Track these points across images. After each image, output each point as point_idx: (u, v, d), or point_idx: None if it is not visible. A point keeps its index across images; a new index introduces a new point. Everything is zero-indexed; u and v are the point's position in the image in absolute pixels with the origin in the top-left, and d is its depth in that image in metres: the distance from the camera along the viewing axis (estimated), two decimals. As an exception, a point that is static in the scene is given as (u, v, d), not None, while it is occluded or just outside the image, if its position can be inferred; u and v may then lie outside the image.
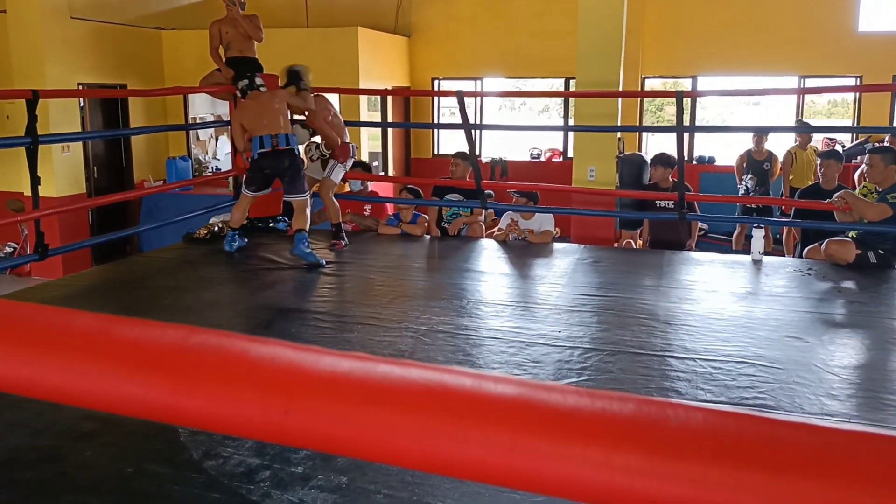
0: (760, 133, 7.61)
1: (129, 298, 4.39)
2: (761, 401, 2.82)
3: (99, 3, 9.20)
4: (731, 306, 4.00)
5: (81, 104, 8.89)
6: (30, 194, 4.68)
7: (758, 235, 4.96)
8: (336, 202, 5.59)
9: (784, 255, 6.67)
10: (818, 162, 5.67)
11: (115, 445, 2.52)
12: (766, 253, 5.07)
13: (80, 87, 8.78)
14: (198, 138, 10.53)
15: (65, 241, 7.19)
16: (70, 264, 7.76)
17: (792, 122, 9.74)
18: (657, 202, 5.76)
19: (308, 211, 5.10)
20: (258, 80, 5.24)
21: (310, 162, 5.70)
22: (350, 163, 5.71)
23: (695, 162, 9.96)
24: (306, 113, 5.63)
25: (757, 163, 7.53)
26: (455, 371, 0.45)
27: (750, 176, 7.51)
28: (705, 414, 0.44)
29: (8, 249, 8.67)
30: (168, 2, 10.53)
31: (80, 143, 8.88)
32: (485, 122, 11.37)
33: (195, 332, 0.46)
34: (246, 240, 5.41)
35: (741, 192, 7.62)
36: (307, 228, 5.03)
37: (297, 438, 0.44)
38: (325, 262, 4.96)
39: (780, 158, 7.74)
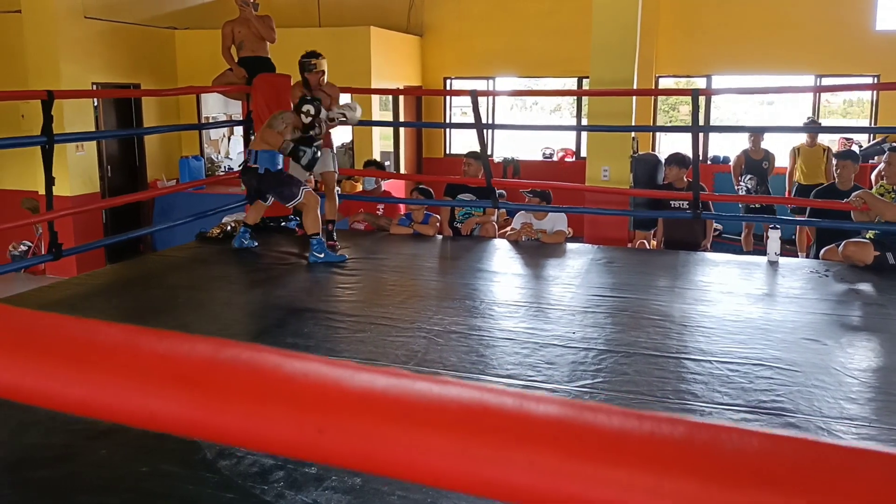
0: (757, 133, 7.56)
1: (143, 297, 4.40)
2: (779, 404, 2.79)
3: (113, 3, 9.23)
4: (748, 308, 3.96)
5: (95, 104, 8.92)
6: (43, 193, 4.69)
7: (774, 236, 4.92)
8: (337, 201, 5.52)
9: (797, 256, 6.61)
10: (835, 162, 5.62)
11: (129, 444, 2.52)
12: (780, 253, 5.02)
13: (95, 87, 8.81)
14: (210, 138, 10.55)
15: (79, 239, 7.22)
16: (84, 262, 7.79)
17: (803, 122, 9.66)
18: (671, 202, 5.72)
19: (314, 212, 5.00)
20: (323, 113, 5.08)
21: (303, 118, 5.18)
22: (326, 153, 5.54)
23: (709, 162, 9.90)
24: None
25: (755, 162, 7.48)
26: (496, 390, 0.43)
27: (749, 176, 7.45)
28: (761, 439, 0.42)
29: (23, 248, 8.72)
30: (181, 2, 10.56)
31: (94, 143, 8.92)
32: (497, 121, 11.34)
33: (225, 345, 0.44)
34: (256, 243, 5.36)
35: (740, 192, 7.56)
36: (318, 230, 4.96)
37: (332, 457, 0.42)
38: (346, 257, 4.97)
39: (779, 156, 7.70)
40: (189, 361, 0.43)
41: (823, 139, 8.06)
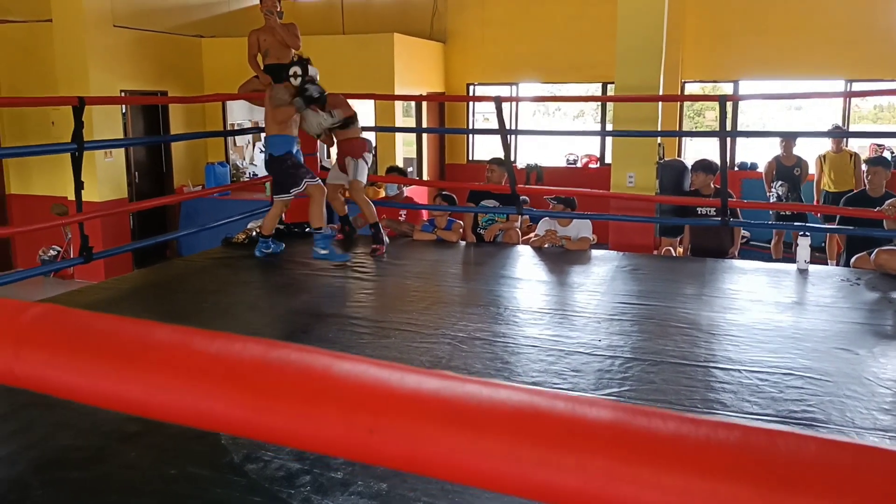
0: (789, 138, 7.46)
1: (170, 301, 4.44)
2: (810, 414, 2.74)
3: (141, 12, 9.37)
4: (777, 316, 3.91)
5: (124, 110, 9.06)
6: (73, 199, 4.76)
7: (803, 244, 4.85)
8: (371, 202, 5.52)
9: (827, 263, 6.51)
10: (865, 168, 5.53)
11: (158, 447, 2.54)
12: (810, 261, 4.94)
13: (123, 94, 8.94)
14: (235, 144, 10.66)
15: (107, 244, 7.31)
16: (112, 267, 7.90)
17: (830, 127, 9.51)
18: (698, 209, 5.67)
19: (319, 206, 5.01)
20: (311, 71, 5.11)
21: (292, 81, 5.18)
22: (369, 157, 5.57)
23: (736, 168, 9.80)
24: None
25: (787, 168, 7.37)
26: (547, 393, 0.43)
27: (780, 183, 7.35)
28: (818, 444, 0.41)
29: (52, 252, 8.85)
30: (208, 10, 10.69)
31: (122, 149, 9.04)
32: (520, 127, 11.33)
33: (275, 346, 0.44)
34: (282, 246, 5.41)
35: (771, 199, 7.46)
36: (322, 225, 4.96)
37: (383, 458, 0.42)
38: (350, 257, 4.95)
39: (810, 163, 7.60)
40: (241, 362, 0.43)
41: (852, 145, 7.94)
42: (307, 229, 5.67)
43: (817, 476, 0.40)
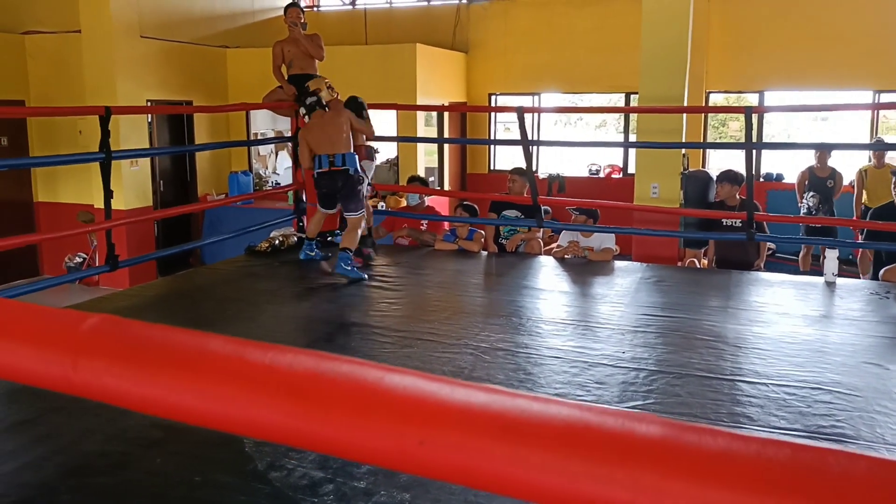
0: (824, 150, 7.34)
1: (195, 309, 4.48)
2: (839, 429, 2.71)
3: (168, 22, 9.51)
4: (804, 330, 3.86)
5: (149, 120, 9.19)
6: (99, 206, 4.82)
7: (831, 256, 4.79)
8: (370, 209, 5.60)
9: (858, 277, 6.41)
10: (894, 180, 5.46)
11: (183, 454, 2.55)
12: (838, 274, 4.88)
13: (149, 104, 9.07)
14: (258, 153, 10.76)
15: (132, 251, 7.41)
16: (136, 274, 7.99)
17: (865, 139, 9.35)
18: (723, 221, 5.62)
19: (360, 230, 5.12)
20: (324, 98, 5.26)
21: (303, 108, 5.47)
22: (370, 165, 5.67)
23: (762, 179, 9.70)
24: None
25: (820, 180, 7.27)
26: (596, 409, 0.43)
27: (812, 194, 7.26)
28: (868, 463, 0.41)
29: (78, 259, 8.97)
30: (233, 21, 10.83)
31: (147, 158, 9.16)
32: (541, 137, 11.33)
33: (326, 358, 0.45)
34: (325, 253, 5.44)
35: (802, 210, 7.37)
36: (353, 247, 5.05)
37: (433, 469, 0.43)
38: (366, 277, 4.98)
39: (846, 176, 7.45)
40: (293, 373, 0.44)
41: (893, 158, 7.75)
42: (335, 239, 5.78)
43: (868, 495, 0.40)
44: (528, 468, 0.42)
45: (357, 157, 5.21)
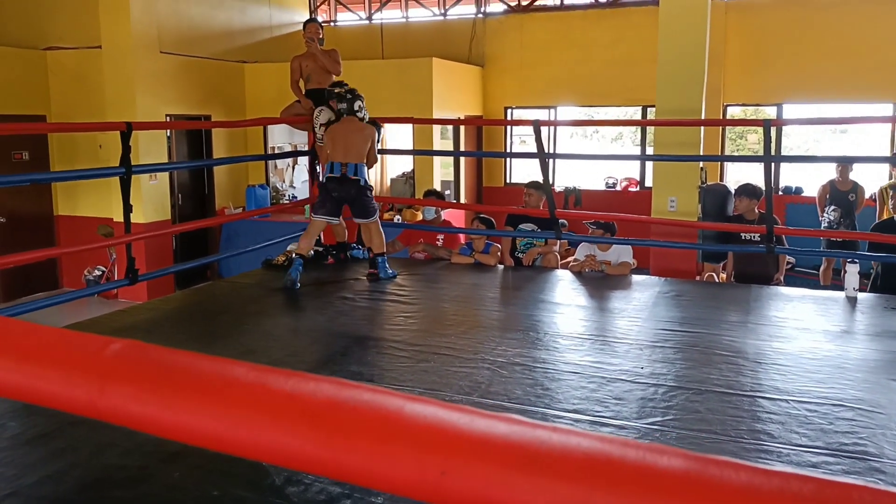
0: (845, 163, 7.27)
1: (213, 322, 4.51)
2: (862, 447, 2.66)
3: (186, 38, 9.64)
4: (826, 345, 3.81)
5: (168, 134, 9.29)
6: (118, 220, 4.88)
7: (852, 271, 4.74)
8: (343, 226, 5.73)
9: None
10: (892, 194, 5.39)
11: (201, 468, 2.56)
12: (859, 288, 4.82)
13: (168, 119, 9.18)
14: (275, 167, 10.84)
15: (150, 264, 7.48)
16: (155, 288, 8.06)
17: (885, 152, 9.24)
18: (742, 235, 5.57)
19: (379, 234, 5.28)
20: (356, 106, 5.28)
21: (319, 127, 5.67)
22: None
23: (781, 192, 9.63)
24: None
25: (841, 194, 7.20)
26: (618, 440, 0.43)
27: (833, 208, 7.18)
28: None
29: (97, 273, 9.07)
30: (251, 36, 10.95)
31: (166, 172, 9.26)
32: (557, 150, 11.33)
33: (346, 386, 0.45)
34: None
35: (823, 224, 7.29)
36: (384, 249, 5.21)
37: (455, 500, 0.42)
38: (396, 273, 5.22)
39: (868, 190, 7.37)
40: (315, 400, 0.44)
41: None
42: (352, 253, 5.93)
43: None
44: (550, 500, 0.42)
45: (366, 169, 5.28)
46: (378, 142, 5.49)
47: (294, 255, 5.37)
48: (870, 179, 7.71)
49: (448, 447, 0.43)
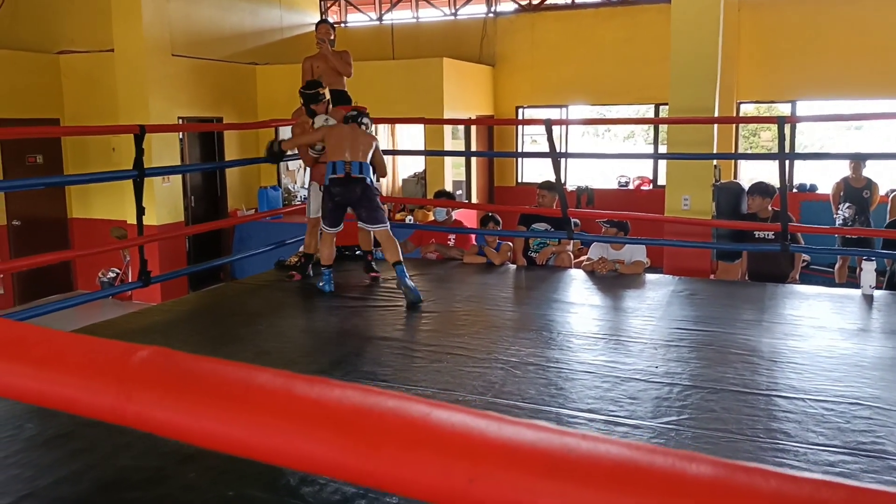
0: (858, 160, 7.21)
1: (226, 324, 4.53)
2: (880, 446, 2.64)
3: (198, 41, 9.68)
4: (842, 343, 3.78)
5: (181, 136, 9.34)
6: (131, 222, 4.90)
7: (868, 268, 4.70)
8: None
9: None
10: (892, 197, 5.34)
11: (216, 469, 2.57)
12: (876, 286, 4.78)
13: (180, 121, 9.22)
14: (287, 168, 10.87)
15: (164, 266, 7.52)
16: (168, 289, 8.10)
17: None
18: (756, 233, 5.54)
19: (393, 241, 4.95)
20: (362, 120, 5.11)
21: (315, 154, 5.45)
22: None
23: (795, 190, 9.56)
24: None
25: (855, 191, 7.14)
26: (645, 447, 0.43)
27: (848, 205, 7.13)
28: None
29: (111, 274, 9.12)
30: (262, 38, 10.99)
31: (179, 174, 9.30)
32: (569, 149, 11.30)
33: (372, 393, 0.45)
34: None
35: (838, 221, 7.24)
36: (401, 258, 4.89)
37: (481, 508, 0.42)
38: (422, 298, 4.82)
39: (882, 187, 7.30)
40: (340, 407, 0.44)
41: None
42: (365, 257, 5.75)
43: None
44: (579, 507, 0.41)
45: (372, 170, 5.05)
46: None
47: (322, 266, 5.17)
48: (885, 176, 7.65)
49: (476, 454, 0.43)
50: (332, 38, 6.01)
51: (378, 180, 5.29)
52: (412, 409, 0.45)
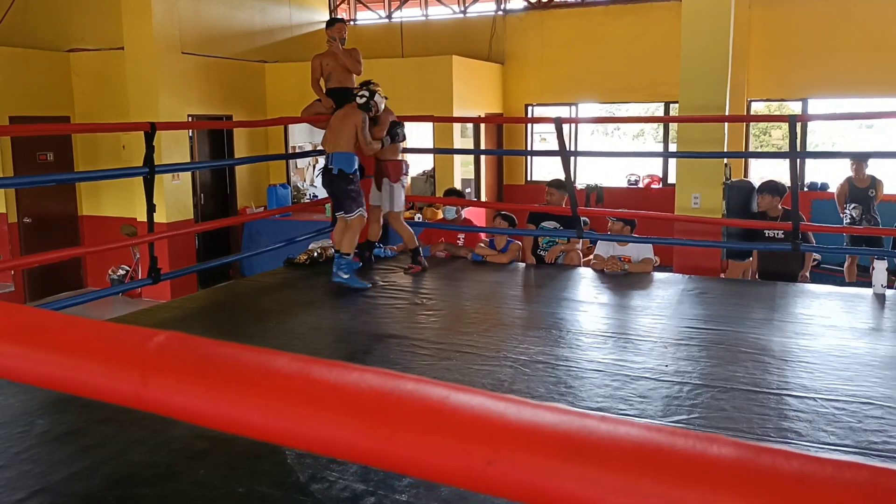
0: (859, 160, 7.18)
1: (236, 321, 4.54)
2: (891, 445, 2.63)
3: (208, 39, 9.71)
4: (853, 343, 3.76)
5: (190, 134, 9.37)
6: (141, 219, 4.92)
7: (880, 267, 4.67)
8: (408, 227, 5.59)
9: None
10: None
11: (226, 465, 2.58)
12: (887, 285, 4.75)
13: (190, 118, 9.25)
14: (296, 166, 10.89)
15: (174, 264, 7.55)
16: (178, 286, 8.13)
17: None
18: (766, 232, 5.51)
19: (354, 233, 5.10)
20: (357, 92, 5.24)
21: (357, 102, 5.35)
22: (406, 180, 5.63)
23: (806, 189, 9.51)
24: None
25: (860, 190, 7.12)
26: (666, 429, 0.42)
27: (854, 205, 7.10)
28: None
29: (121, 272, 9.16)
30: (271, 36, 11.01)
31: (189, 172, 9.34)
32: (578, 147, 11.27)
33: (391, 376, 0.45)
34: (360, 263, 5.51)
35: (845, 221, 7.21)
36: (350, 252, 5.05)
37: (501, 489, 0.42)
38: (369, 285, 5.02)
39: (887, 186, 7.27)
40: (359, 391, 0.44)
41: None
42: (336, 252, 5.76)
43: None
44: (599, 489, 0.41)
45: (354, 158, 5.11)
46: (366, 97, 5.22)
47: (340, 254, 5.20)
48: (887, 174, 7.62)
49: (494, 436, 0.43)
50: (343, 35, 6.01)
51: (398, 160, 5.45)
52: (431, 392, 0.45)
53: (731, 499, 0.40)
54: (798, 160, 5.12)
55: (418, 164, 10.87)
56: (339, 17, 6.17)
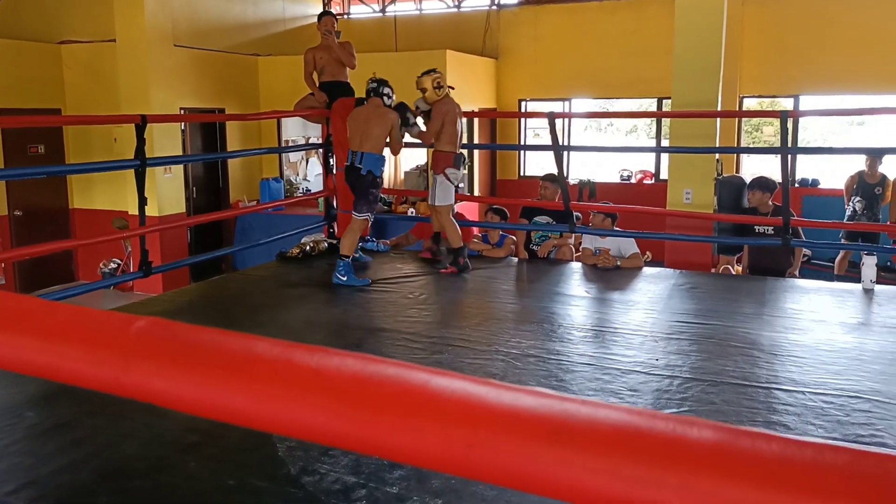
0: (874, 156, 7.19)
1: (228, 314, 4.53)
2: (879, 439, 2.64)
3: (200, 31, 9.66)
4: (842, 337, 3.78)
5: (182, 127, 9.32)
6: (133, 213, 4.90)
7: (869, 263, 4.69)
8: (455, 224, 5.38)
9: None
10: None
11: (217, 458, 2.58)
12: (876, 280, 4.78)
13: (182, 111, 9.20)
14: (289, 160, 10.86)
15: (166, 257, 7.52)
16: (170, 280, 8.10)
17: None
18: (756, 228, 5.53)
19: (355, 235, 5.09)
20: (384, 90, 5.24)
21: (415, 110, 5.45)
22: (455, 175, 5.40)
23: (797, 185, 9.54)
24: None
25: (869, 186, 7.14)
26: (646, 412, 0.43)
27: (859, 199, 7.13)
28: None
29: (112, 265, 9.12)
30: (264, 29, 10.96)
31: (181, 165, 9.29)
32: (571, 142, 11.28)
33: (371, 360, 0.45)
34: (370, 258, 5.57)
35: (848, 212, 7.24)
36: (350, 254, 5.05)
37: (481, 472, 0.42)
38: (369, 281, 5.02)
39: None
40: (340, 375, 0.44)
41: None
42: (364, 245, 5.81)
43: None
44: (578, 472, 0.41)
45: (383, 160, 5.14)
46: (411, 126, 5.33)
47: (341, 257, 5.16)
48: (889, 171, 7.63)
49: (474, 420, 0.43)
50: (336, 29, 6.00)
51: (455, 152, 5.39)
52: (412, 377, 0.45)
53: (712, 480, 0.41)
54: (789, 156, 5.14)
55: (411, 159, 10.85)
56: (328, 10, 6.13)
